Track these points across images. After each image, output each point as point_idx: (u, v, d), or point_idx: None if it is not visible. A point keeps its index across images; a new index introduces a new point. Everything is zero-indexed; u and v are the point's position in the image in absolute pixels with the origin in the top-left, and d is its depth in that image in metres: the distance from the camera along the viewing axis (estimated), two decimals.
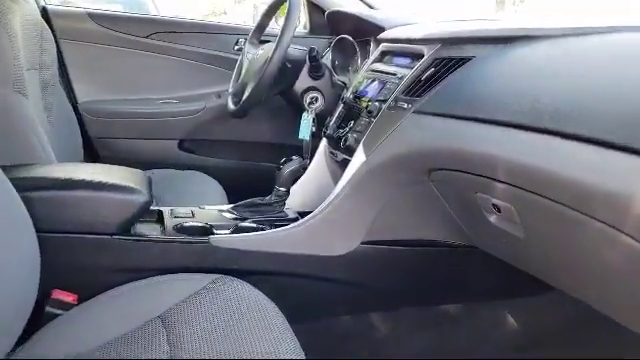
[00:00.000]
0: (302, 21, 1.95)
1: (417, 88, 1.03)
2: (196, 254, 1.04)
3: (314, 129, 1.47)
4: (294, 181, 1.25)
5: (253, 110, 1.37)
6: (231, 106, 1.46)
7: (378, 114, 1.09)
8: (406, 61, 1.16)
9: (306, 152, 1.49)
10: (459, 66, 0.97)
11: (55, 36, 1.61)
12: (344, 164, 1.14)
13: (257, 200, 1.22)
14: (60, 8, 1.65)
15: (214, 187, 1.59)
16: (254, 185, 1.39)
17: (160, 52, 1.74)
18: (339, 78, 1.62)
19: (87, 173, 1.00)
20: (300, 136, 1.48)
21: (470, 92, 0.92)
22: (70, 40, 1.64)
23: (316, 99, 1.47)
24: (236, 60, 1.58)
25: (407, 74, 1.08)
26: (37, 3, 1.58)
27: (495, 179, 0.83)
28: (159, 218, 1.15)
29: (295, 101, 1.49)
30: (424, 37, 1.09)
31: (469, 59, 0.97)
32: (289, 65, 1.41)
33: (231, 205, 1.24)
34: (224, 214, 1.21)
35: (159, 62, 1.75)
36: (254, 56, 1.50)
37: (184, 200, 1.45)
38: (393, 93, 1.08)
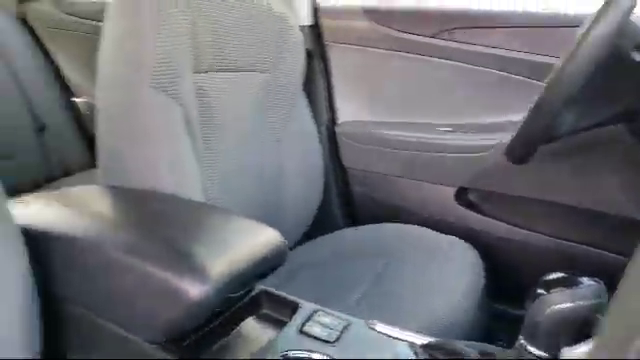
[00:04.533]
0: None
1: None
2: None
3: None
4: None
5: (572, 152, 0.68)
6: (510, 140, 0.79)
7: None
8: None
9: None
10: None
11: (321, 40, 1.30)
12: None
13: None
14: (333, 6, 1.32)
15: (470, 274, 0.94)
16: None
17: (450, 57, 1.19)
18: None
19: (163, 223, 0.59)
20: None
21: None
22: (338, 43, 1.29)
23: None
24: None
25: None
26: (312, 3, 1.30)
27: None
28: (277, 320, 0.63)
29: None
30: None
31: None
32: None
33: (425, 340, 0.60)
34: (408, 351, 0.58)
35: (446, 72, 1.21)
36: None
37: (407, 286, 0.89)
38: None
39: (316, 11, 1.30)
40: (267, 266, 0.61)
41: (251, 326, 0.62)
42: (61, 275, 0.57)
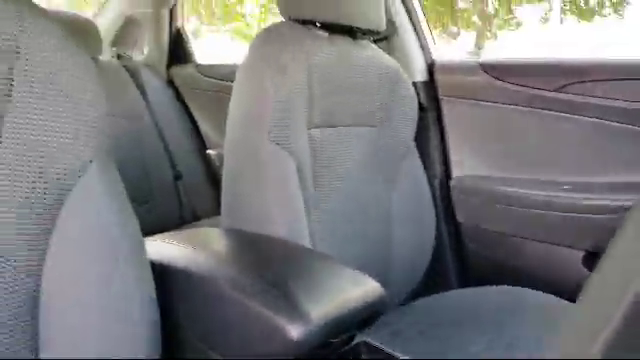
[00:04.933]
0: None
1: None
2: None
3: None
4: None
5: None
6: None
7: None
8: None
9: None
10: None
11: (436, 95, 1.30)
12: None
13: None
14: (449, 61, 1.32)
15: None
16: None
17: (575, 111, 1.13)
18: None
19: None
20: None
21: None
22: (454, 97, 1.28)
23: None
24: None
25: None
26: (427, 59, 1.33)
27: None
28: None
29: None
30: None
31: None
32: None
33: None
34: None
35: (571, 126, 1.14)
36: None
37: None
38: None
39: (431, 67, 1.32)
40: (365, 315, 0.61)
41: None
42: (177, 304, 0.63)
